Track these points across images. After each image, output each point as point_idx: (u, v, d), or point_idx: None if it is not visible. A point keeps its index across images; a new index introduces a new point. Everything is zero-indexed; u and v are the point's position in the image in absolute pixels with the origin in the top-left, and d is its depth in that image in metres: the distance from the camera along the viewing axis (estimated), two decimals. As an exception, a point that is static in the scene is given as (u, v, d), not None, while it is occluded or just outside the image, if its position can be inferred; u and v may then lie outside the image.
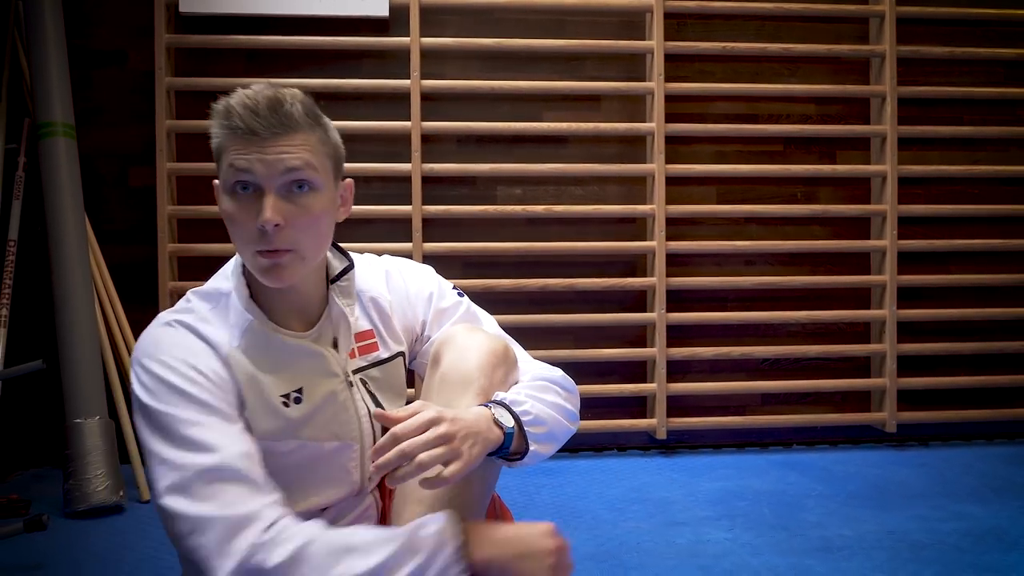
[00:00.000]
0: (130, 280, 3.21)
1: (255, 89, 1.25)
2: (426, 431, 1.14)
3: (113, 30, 3.25)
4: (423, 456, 1.13)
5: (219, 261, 3.13)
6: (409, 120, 3.25)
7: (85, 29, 3.23)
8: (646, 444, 3.47)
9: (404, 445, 1.13)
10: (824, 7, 3.46)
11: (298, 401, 1.32)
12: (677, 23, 3.44)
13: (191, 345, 1.26)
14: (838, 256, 3.54)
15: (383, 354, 1.44)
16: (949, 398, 3.56)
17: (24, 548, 2.41)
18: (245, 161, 1.23)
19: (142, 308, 3.19)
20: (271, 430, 1.29)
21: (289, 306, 1.35)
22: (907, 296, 3.50)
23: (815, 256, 3.53)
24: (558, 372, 1.45)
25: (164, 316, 1.31)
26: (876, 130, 3.48)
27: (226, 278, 1.35)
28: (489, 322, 1.54)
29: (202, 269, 3.24)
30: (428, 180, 3.32)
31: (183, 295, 1.35)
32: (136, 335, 3.08)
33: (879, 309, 3.49)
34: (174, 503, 1.15)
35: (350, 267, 1.42)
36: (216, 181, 1.31)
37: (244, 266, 1.35)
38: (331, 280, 1.40)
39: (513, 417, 1.27)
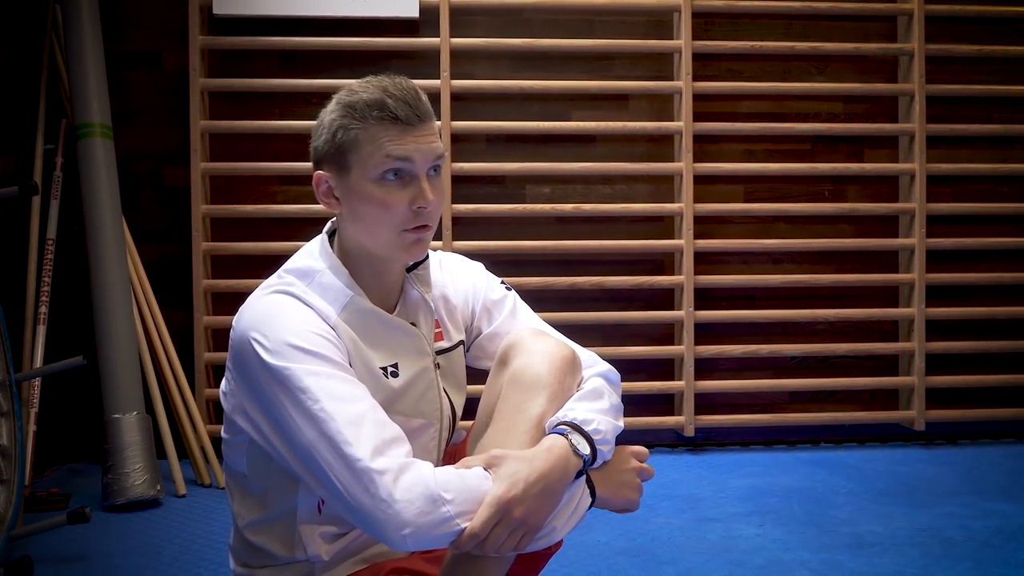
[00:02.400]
0: (165, 278, 3.25)
1: (395, 81, 1.32)
2: (496, 522, 1.17)
3: (148, 32, 3.30)
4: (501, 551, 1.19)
5: (252, 260, 3.23)
6: (439, 120, 3.28)
7: (120, 32, 3.28)
8: (674, 441, 3.48)
9: (485, 549, 1.18)
10: (852, 5, 3.46)
11: (395, 375, 1.37)
12: (705, 22, 3.45)
13: (303, 312, 1.30)
14: (866, 254, 3.54)
15: (446, 343, 1.48)
16: (978, 396, 3.55)
17: (66, 540, 2.46)
18: (404, 150, 1.29)
19: (177, 306, 3.24)
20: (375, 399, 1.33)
21: (378, 289, 1.39)
22: (935, 294, 3.49)
23: (843, 254, 3.53)
24: (605, 366, 1.48)
25: (265, 289, 1.35)
26: (904, 128, 3.48)
27: (314, 258, 1.38)
28: (536, 318, 1.57)
29: (235, 268, 3.29)
30: (458, 179, 3.35)
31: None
32: (172, 332, 3.14)
33: (907, 307, 3.49)
34: (322, 453, 1.19)
35: (425, 257, 1.47)
36: (319, 172, 1.34)
37: (334, 248, 1.39)
38: (408, 269, 1.45)
39: (588, 442, 1.30)
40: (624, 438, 1.42)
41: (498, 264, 3.42)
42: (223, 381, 1.38)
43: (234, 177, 3.33)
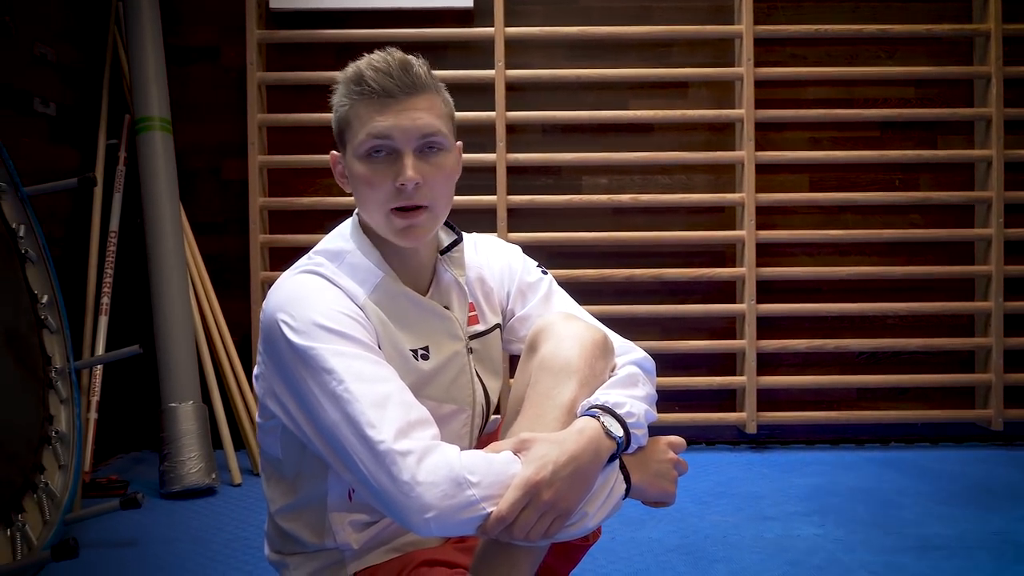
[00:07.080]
0: (223, 270, 3.29)
1: (382, 54, 1.29)
2: (524, 505, 1.12)
3: (207, 28, 3.35)
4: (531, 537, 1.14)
5: (308, 252, 3.23)
6: (494, 110, 3.25)
7: (180, 27, 3.33)
8: (735, 439, 3.39)
9: (513, 534, 1.14)
10: (924, -15, 3.32)
11: (425, 358, 1.34)
12: (767, 6, 3.35)
13: (332, 292, 1.29)
14: (939, 245, 3.39)
15: (481, 326, 1.45)
16: (1061, 395, 3.37)
17: (121, 525, 2.50)
18: (383, 126, 1.26)
19: (235, 297, 3.27)
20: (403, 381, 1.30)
21: (406, 271, 1.37)
22: (1014, 287, 3.32)
23: (915, 245, 3.39)
24: (640, 353, 1.42)
25: (294, 269, 1.35)
26: (980, 113, 3.32)
27: (344, 239, 1.37)
28: (570, 303, 1.52)
29: (292, 259, 3.27)
30: (513, 170, 3.31)
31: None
32: (229, 323, 3.17)
33: (984, 301, 3.33)
34: (346, 434, 1.16)
35: (459, 239, 1.45)
36: (334, 152, 1.37)
37: (363, 229, 1.37)
38: (441, 251, 1.43)
39: (621, 424, 1.24)
40: (683, 434, 1.37)
41: (554, 256, 3.39)
42: (256, 365, 1.36)
43: (291, 170, 3.35)
